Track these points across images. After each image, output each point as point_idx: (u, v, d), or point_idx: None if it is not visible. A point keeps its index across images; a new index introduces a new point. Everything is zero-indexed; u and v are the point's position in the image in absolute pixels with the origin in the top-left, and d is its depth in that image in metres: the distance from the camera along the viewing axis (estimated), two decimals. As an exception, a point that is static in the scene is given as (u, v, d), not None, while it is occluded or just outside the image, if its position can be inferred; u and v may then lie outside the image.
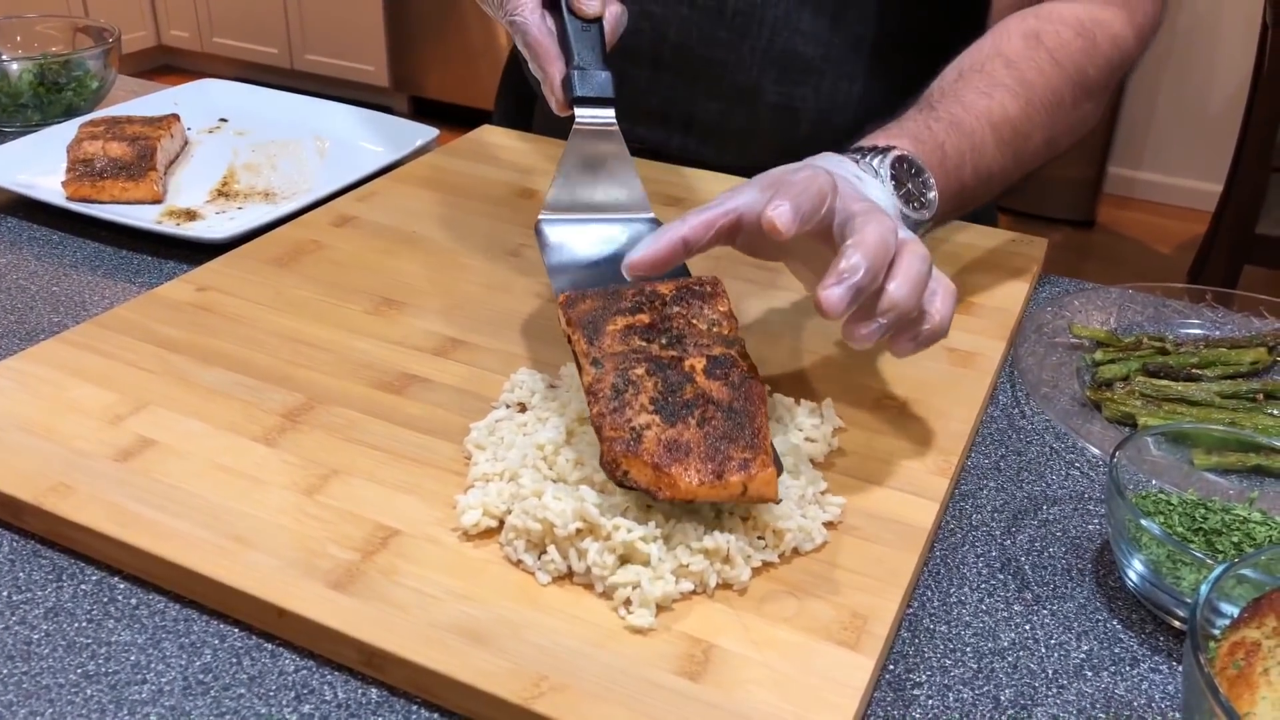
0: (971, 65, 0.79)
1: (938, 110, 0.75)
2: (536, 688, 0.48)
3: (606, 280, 0.66)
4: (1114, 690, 0.52)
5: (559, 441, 0.60)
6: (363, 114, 1.13)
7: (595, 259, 0.70)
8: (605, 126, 0.72)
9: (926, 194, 0.70)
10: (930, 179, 0.70)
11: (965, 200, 0.76)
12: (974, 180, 0.75)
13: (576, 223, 0.71)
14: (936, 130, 0.73)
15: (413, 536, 0.57)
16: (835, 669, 0.50)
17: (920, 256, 0.58)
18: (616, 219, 0.72)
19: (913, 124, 0.73)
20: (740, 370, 0.57)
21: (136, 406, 0.66)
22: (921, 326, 0.59)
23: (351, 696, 0.51)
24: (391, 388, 0.69)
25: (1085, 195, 3.34)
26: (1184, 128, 3.38)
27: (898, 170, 0.69)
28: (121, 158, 0.96)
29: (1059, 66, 0.79)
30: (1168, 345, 0.78)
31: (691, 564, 0.54)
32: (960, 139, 0.74)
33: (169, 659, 0.52)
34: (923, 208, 0.70)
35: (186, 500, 0.58)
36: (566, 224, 0.71)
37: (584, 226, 0.71)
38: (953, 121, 0.74)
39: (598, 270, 0.69)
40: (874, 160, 0.69)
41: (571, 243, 0.70)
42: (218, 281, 0.80)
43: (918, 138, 0.72)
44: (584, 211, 0.72)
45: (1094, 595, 0.58)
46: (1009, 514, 0.63)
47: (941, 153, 0.72)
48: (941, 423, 0.67)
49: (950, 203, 0.73)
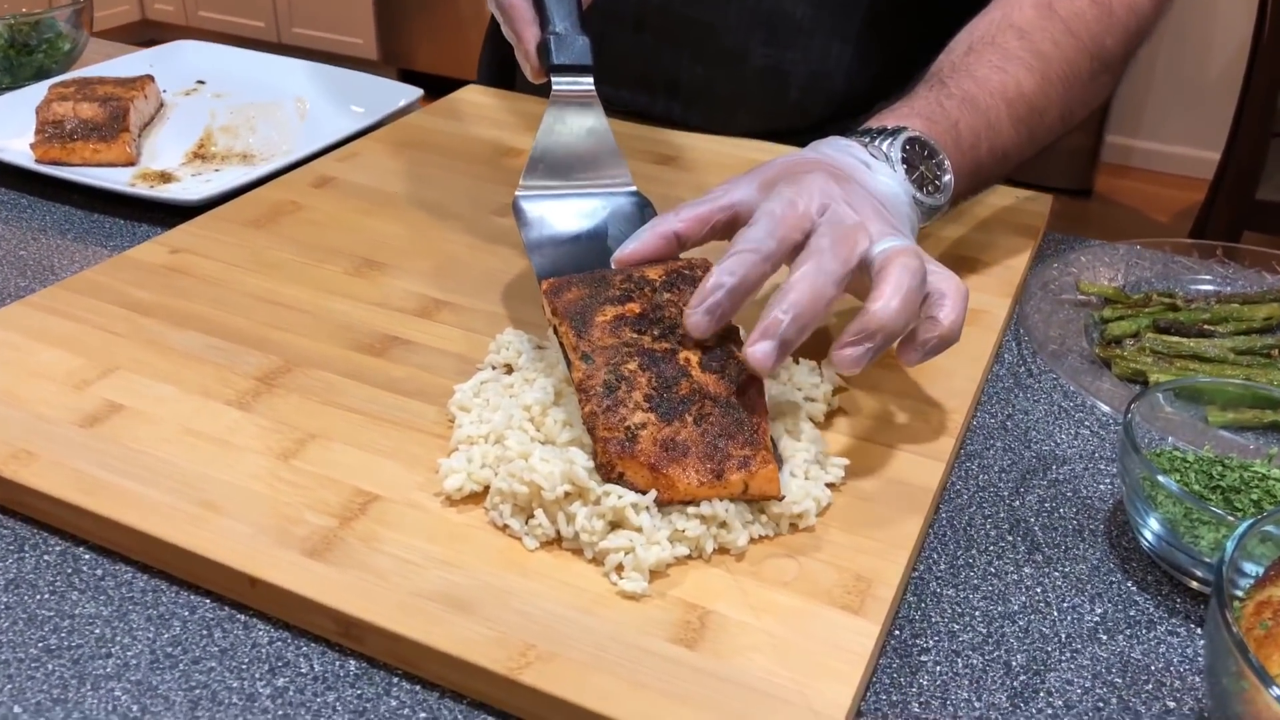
0: (982, 37, 0.75)
1: (949, 87, 0.70)
2: (523, 657, 0.46)
3: (589, 257, 0.63)
4: (1130, 654, 0.50)
5: (547, 402, 0.57)
6: (344, 74, 1.09)
7: (576, 234, 0.66)
8: (583, 95, 0.68)
9: (941, 177, 0.66)
10: (945, 161, 0.66)
11: (980, 181, 0.72)
12: (990, 160, 0.71)
13: (555, 197, 0.67)
14: (949, 108, 0.69)
15: (393, 502, 0.54)
16: (838, 634, 0.47)
17: (910, 270, 0.54)
18: (597, 192, 0.68)
19: (924, 103, 0.69)
20: (736, 362, 0.55)
21: (104, 371, 0.63)
22: (929, 334, 0.56)
23: (328, 669, 0.48)
24: (372, 350, 0.66)
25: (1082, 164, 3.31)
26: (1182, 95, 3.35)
27: (910, 153, 0.64)
28: (93, 119, 0.93)
29: (1074, 37, 0.75)
30: (1178, 301, 0.75)
31: (687, 529, 0.51)
32: (975, 117, 0.69)
33: (135, 632, 0.49)
34: (937, 191, 0.65)
35: (155, 466, 0.56)
36: (545, 199, 0.67)
37: (563, 201, 0.67)
38: (966, 98, 0.70)
39: (579, 246, 0.65)
40: (884, 143, 0.64)
41: (551, 218, 0.66)
42: (191, 243, 0.77)
43: (930, 117, 0.68)
44: (563, 185, 0.68)
45: (1107, 556, 0.55)
46: (1017, 474, 0.61)
47: (956, 132, 0.68)
48: (946, 381, 0.65)
49: (965, 184, 0.69)
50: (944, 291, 0.56)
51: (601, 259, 0.61)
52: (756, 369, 0.53)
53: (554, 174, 0.67)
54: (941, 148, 0.66)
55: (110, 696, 0.46)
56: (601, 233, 0.66)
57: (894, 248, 0.55)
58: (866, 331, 0.53)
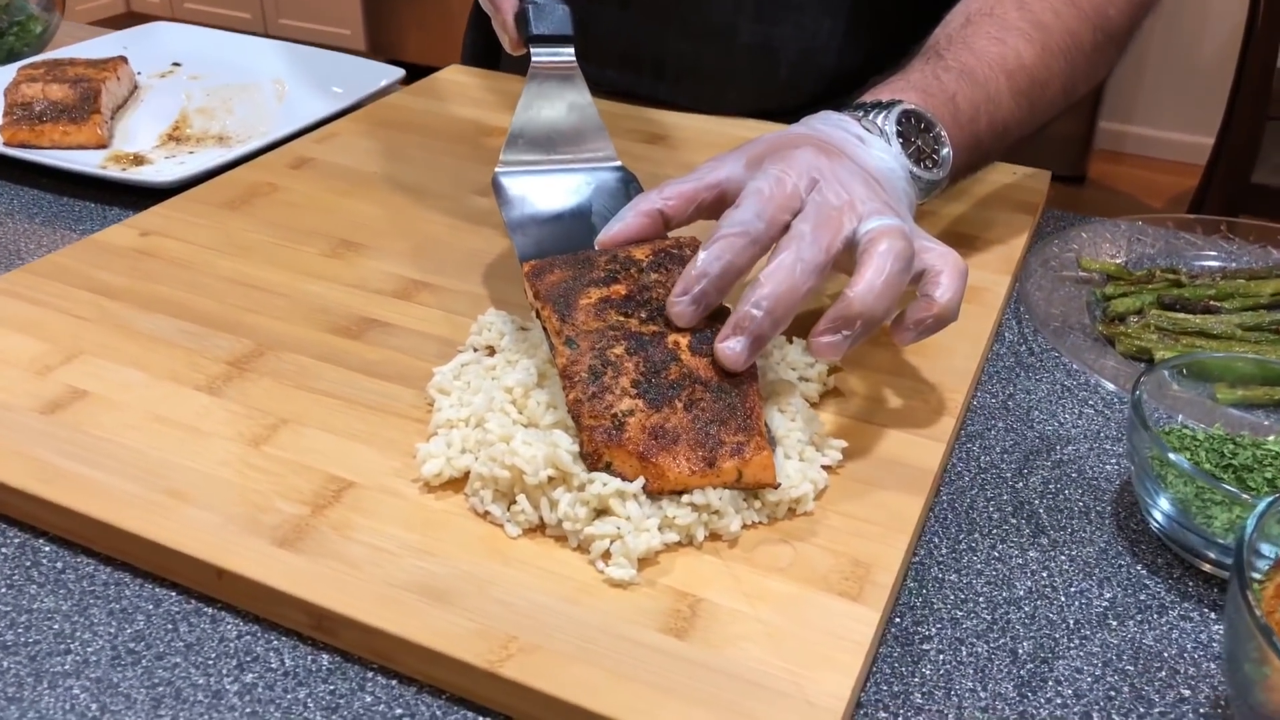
0: (980, 9, 0.72)
1: (946, 59, 0.68)
2: (505, 649, 0.43)
3: (573, 237, 0.60)
4: (1141, 640, 0.48)
5: (529, 384, 0.55)
6: (324, 55, 1.06)
7: (559, 212, 0.63)
8: (564, 67, 0.65)
9: (939, 150, 0.63)
10: (942, 134, 0.63)
11: (980, 157, 0.70)
12: (989, 134, 0.68)
13: (537, 173, 0.64)
14: (946, 81, 0.66)
15: (368, 489, 0.52)
16: (836, 622, 0.45)
17: (894, 253, 0.51)
18: (580, 168, 0.65)
19: (919, 75, 0.67)
20: None
21: (68, 356, 0.60)
22: (924, 313, 0.53)
23: (300, 663, 0.46)
24: (349, 332, 0.64)
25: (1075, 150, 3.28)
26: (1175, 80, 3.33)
27: (905, 126, 0.62)
28: (62, 100, 0.90)
29: (1075, 7, 0.72)
30: (1182, 278, 0.73)
31: (678, 517, 0.49)
32: (973, 90, 0.67)
33: (96, 627, 0.47)
34: (935, 166, 0.63)
35: (118, 454, 0.53)
36: (526, 175, 0.64)
37: (545, 177, 0.64)
38: (963, 71, 0.67)
39: (562, 225, 0.62)
40: (878, 117, 0.62)
41: (533, 196, 0.63)
42: (163, 226, 0.74)
43: (926, 90, 0.65)
44: (544, 161, 0.65)
45: (1115, 539, 0.53)
46: (1020, 455, 0.59)
47: (953, 106, 0.65)
48: (945, 360, 0.62)
49: (965, 159, 0.66)
50: (940, 269, 0.54)
51: (586, 237, 0.59)
52: (727, 366, 0.51)
53: (535, 149, 0.65)
54: (938, 121, 0.64)
55: (68, 695, 0.44)
56: (585, 210, 0.63)
57: (880, 227, 0.52)
58: (844, 318, 0.51)
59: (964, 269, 0.55)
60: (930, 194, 0.64)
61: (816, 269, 0.51)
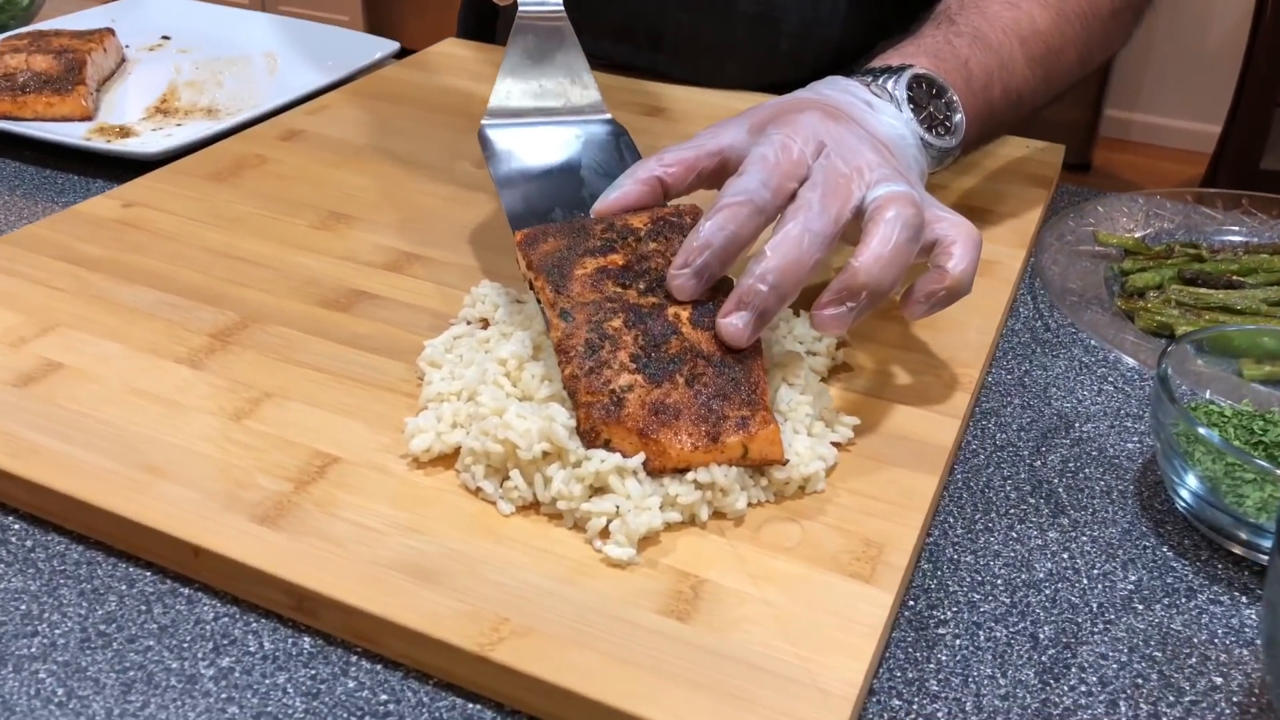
0: None
1: (958, 24, 0.65)
2: (495, 632, 0.41)
3: (562, 192, 0.58)
4: (1169, 625, 0.45)
5: (524, 355, 0.52)
6: (317, 29, 1.04)
7: (548, 168, 0.61)
8: (552, 16, 0.62)
9: (952, 117, 0.60)
10: (955, 100, 0.61)
11: (994, 125, 0.67)
12: (1003, 102, 0.66)
13: (525, 126, 0.62)
14: (958, 46, 0.64)
15: (355, 464, 0.49)
16: (847, 605, 0.43)
17: (902, 221, 0.49)
18: (569, 121, 0.63)
19: (931, 40, 0.64)
20: None
21: (44, 328, 0.58)
22: (936, 284, 0.51)
23: (279, 647, 0.43)
24: (337, 305, 0.61)
25: (1080, 139, 3.25)
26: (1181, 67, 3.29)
27: (915, 92, 0.59)
28: (47, 71, 0.87)
29: None
30: (1203, 252, 0.70)
31: (680, 495, 0.46)
32: (986, 55, 0.64)
33: (66, 608, 0.44)
34: (948, 133, 0.60)
35: (93, 428, 0.50)
36: (514, 128, 0.62)
37: (533, 130, 0.62)
38: (976, 36, 0.65)
39: (551, 181, 0.60)
40: (888, 82, 0.59)
41: (520, 151, 0.61)
42: (147, 197, 0.72)
43: (937, 55, 0.62)
44: (532, 114, 0.63)
45: (1139, 519, 0.51)
46: (1037, 432, 0.56)
47: (966, 71, 0.63)
48: (958, 334, 0.60)
49: (978, 128, 0.64)
50: (953, 238, 0.51)
51: (575, 192, 0.56)
52: (730, 343, 0.48)
53: (523, 101, 0.62)
54: (951, 86, 0.61)
55: (34, 679, 0.41)
56: (575, 164, 0.61)
57: (888, 193, 0.50)
58: (849, 289, 0.48)
59: (978, 239, 0.52)
60: (943, 163, 0.61)
61: (825, 240, 0.49)
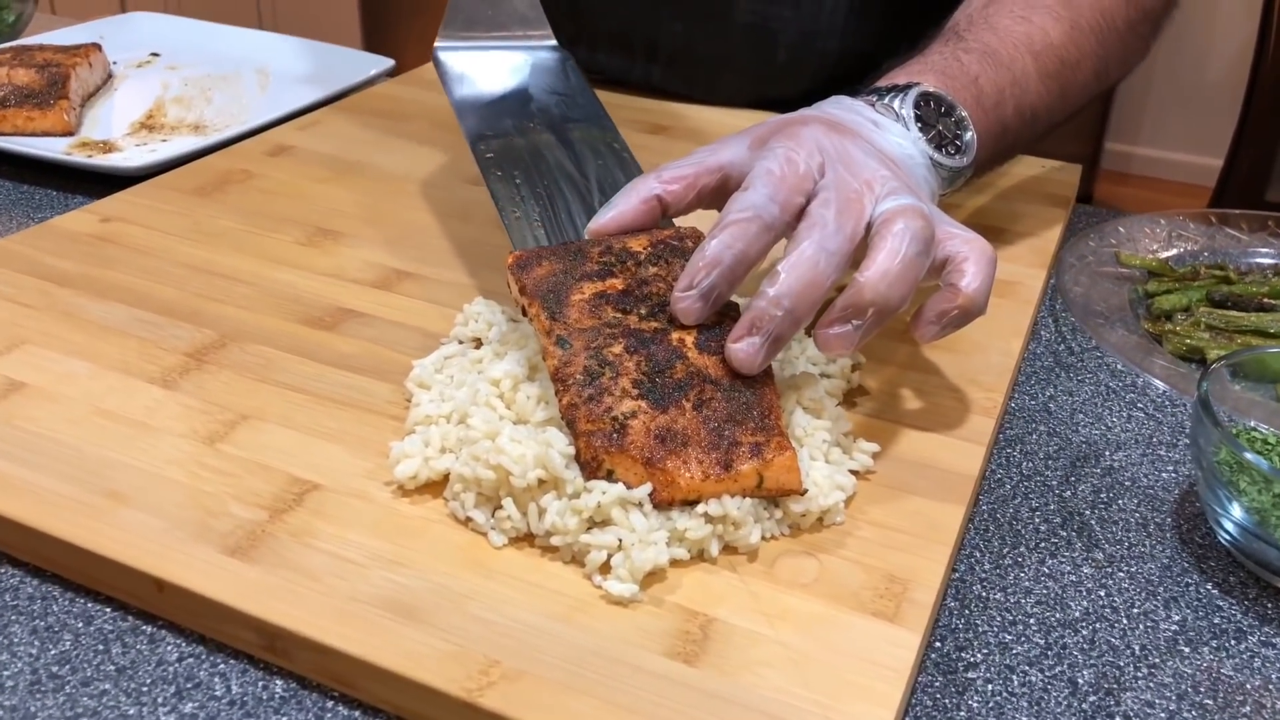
0: None
1: (967, 40, 0.63)
2: (485, 676, 0.37)
3: (517, 116, 0.62)
4: (1219, 669, 0.41)
5: (519, 376, 0.48)
6: (312, 45, 1.01)
7: (503, 94, 0.65)
8: None
9: (963, 135, 0.58)
10: (965, 117, 0.58)
11: (1008, 145, 0.64)
12: (1016, 120, 0.63)
13: (476, 49, 0.66)
14: (968, 63, 0.61)
15: (335, 491, 0.46)
16: (870, 646, 0.39)
17: (911, 233, 0.45)
18: (519, 46, 0.68)
19: (939, 57, 0.61)
20: None
21: (8, 346, 0.54)
22: (948, 304, 0.47)
23: (248, 691, 0.39)
24: (321, 323, 0.58)
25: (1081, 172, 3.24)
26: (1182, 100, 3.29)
27: (923, 110, 0.56)
28: (28, 85, 0.85)
29: None
30: (1230, 274, 0.67)
31: (689, 530, 0.43)
32: (998, 72, 0.61)
33: (16, 647, 0.41)
34: (959, 152, 0.57)
35: (52, 451, 0.47)
36: (466, 51, 0.66)
37: (485, 54, 0.66)
38: (986, 51, 0.62)
39: (506, 105, 0.64)
40: (894, 100, 0.56)
41: (474, 75, 0.65)
42: (126, 212, 0.69)
43: (945, 72, 0.60)
44: (482, 36, 0.67)
45: (1179, 554, 0.47)
46: (1066, 461, 0.53)
47: (976, 88, 0.60)
48: (980, 356, 0.56)
49: (992, 147, 0.61)
50: (966, 255, 0.48)
51: (528, 117, 0.61)
52: (741, 369, 0.45)
53: (473, 27, 0.67)
54: (960, 104, 0.58)
55: (-24, 726, 0.38)
56: (527, 93, 0.65)
57: (896, 206, 0.47)
58: (855, 307, 0.45)
59: (992, 256, 0.49)
60: (954, 184, 0.58)
61: (841, 260, 0.46)
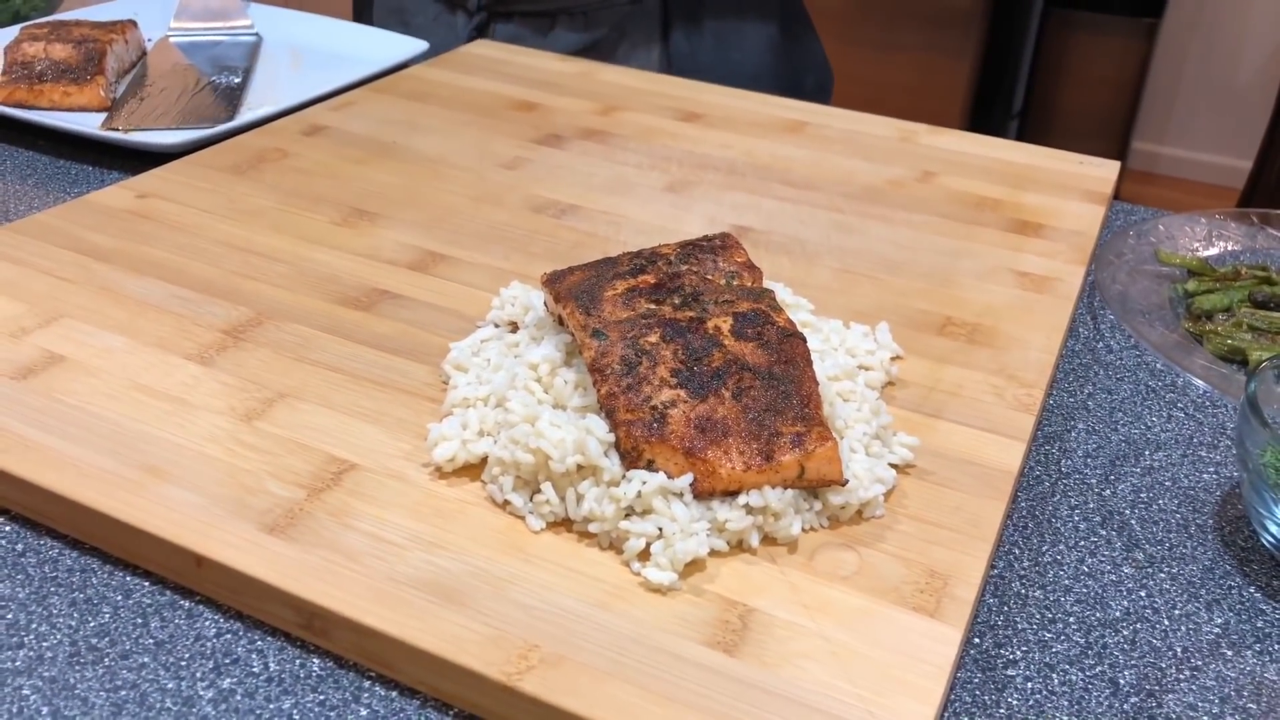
0: None
1: None
2: (524, 660, 0.37)
3: None
4: (1263, 674, 0.41)
5: (556, 361, 0.48)
6: (345, 26, 1.01)
7: None
8: None
9: None
10: None
11: None
12: None
13: None
14: None
15: (373, 472, 0.45)
16: (911, 641, 0.39)
17: None
18: None
19: None
20: (776, 326, 0.46)
21: (47, 319, 0.54)
22: None
23: (286, 668, 0.39)
24: (358, 304, 0.58)
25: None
26: (1210, 101, 3.26)
27: None
28: (65, 61, 0.85)
29: None
30: (1273, 275, 0.66)
31: (730, 521, 0.42)
32: None
33: (56, 619, 0.41)
34: None
35: (92, 425, 0.47)
36: None
37: None
38: None
39: None
40: None
41: None
42: (162, 188, 0.69)
43: None
44: None
45: (1221, 556, 0.46)
46: (1105, 459, 0.52)
47: None
48: (1020, 352, 0.56)
49: None
50: None
51: None
52: None
53: None
54: None
55: (17, 695, 0.38)
56: None
57: None
58: None
59: None
60: None
61: None
